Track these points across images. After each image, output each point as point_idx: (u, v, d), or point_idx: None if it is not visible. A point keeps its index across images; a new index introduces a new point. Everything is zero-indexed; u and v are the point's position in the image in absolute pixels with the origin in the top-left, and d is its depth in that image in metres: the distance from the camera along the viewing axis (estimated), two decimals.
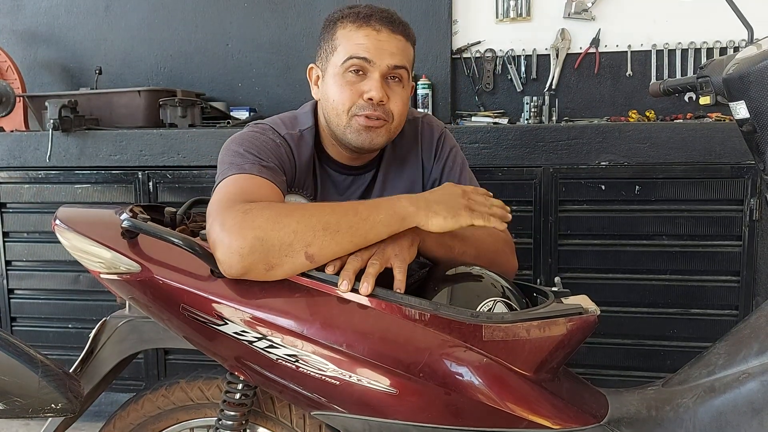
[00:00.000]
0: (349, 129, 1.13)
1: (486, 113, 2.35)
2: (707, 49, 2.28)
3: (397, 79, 1.13)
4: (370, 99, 1.10)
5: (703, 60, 2.26)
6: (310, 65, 1.23)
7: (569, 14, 2.35)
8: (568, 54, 2.37)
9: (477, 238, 1.13)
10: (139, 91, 2.23)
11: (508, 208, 1.03)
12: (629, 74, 2.34)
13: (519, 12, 2.39)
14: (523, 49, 2.41)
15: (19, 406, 0.90)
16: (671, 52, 2.31)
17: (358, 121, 1.11)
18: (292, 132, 1.18)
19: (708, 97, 1.10)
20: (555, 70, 2.38)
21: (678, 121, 2.05)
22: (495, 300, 0.93)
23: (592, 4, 2.33)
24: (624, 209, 1.85)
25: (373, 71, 1.11)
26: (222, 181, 1.02)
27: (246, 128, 1.17)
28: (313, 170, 1.21)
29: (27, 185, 2.14)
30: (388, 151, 1.25)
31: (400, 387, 0.87)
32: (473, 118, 2.32)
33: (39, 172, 2.13)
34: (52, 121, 2.02)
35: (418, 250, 1.01)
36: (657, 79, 2.31)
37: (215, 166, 1.11)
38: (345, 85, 1.12)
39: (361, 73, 1.11)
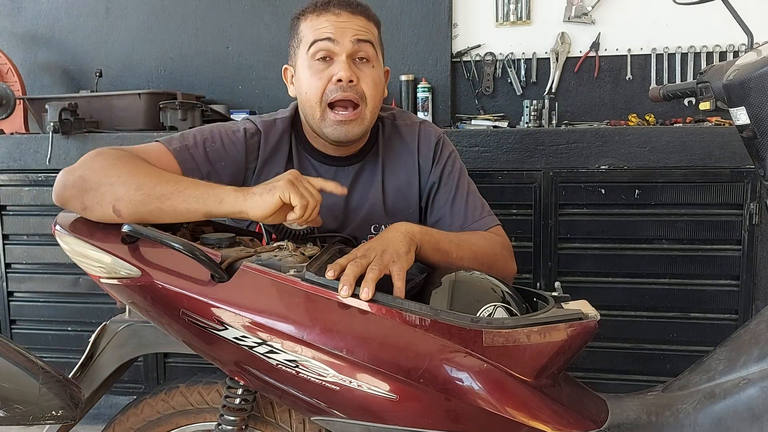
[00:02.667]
0: (324, 123, 1.15)
1: (486, 117, 2.35)
2: (707, 53, 2.28)
3: (365, 59, 1.15)
4: (339, 80, 1.11)
5: (703, 64, 2.27)
6: (284, 66, 1.26)
7: (569, 18, 2.35)
8: (567, 57, 2.37)
9: (473, 243, 1.13)
10: (139, 94, 2.23)
11: (330, 188, 1.00)
12: (629, 78, 2.34)
13: (519, 16, 2.39)
14: (523, 53, 2.41)
15: (19, 413, 0.90)
16: (671, 56, 2.31)
17: (331, 116, 1.14)
18: (266, 120, 1.23)
19: (708, 103, 1.10)
20: (555, 74, 2.38)
21: (678, 125, 2.05)
22: (495, 305, 0.93)
23: (592, 7, 2.34)
24: (624, 213, 1.86)
25: (339, 53, 1.13)
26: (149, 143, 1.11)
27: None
28: (290, 161, 1.23)
29: (27, 188, 2.14)
30: (385, 151, 1.26)
31: (400, 392, 0.87)
32: (473, 122, 2.32)
33: (39, 174, 2.13)
34: (52, 123, 2.02)
35: (415, 256, 1.01)
36: (657, 83, 2.32)
37: None
38: (314, 73, 1.14)
39: (328, 59, 1.13)
